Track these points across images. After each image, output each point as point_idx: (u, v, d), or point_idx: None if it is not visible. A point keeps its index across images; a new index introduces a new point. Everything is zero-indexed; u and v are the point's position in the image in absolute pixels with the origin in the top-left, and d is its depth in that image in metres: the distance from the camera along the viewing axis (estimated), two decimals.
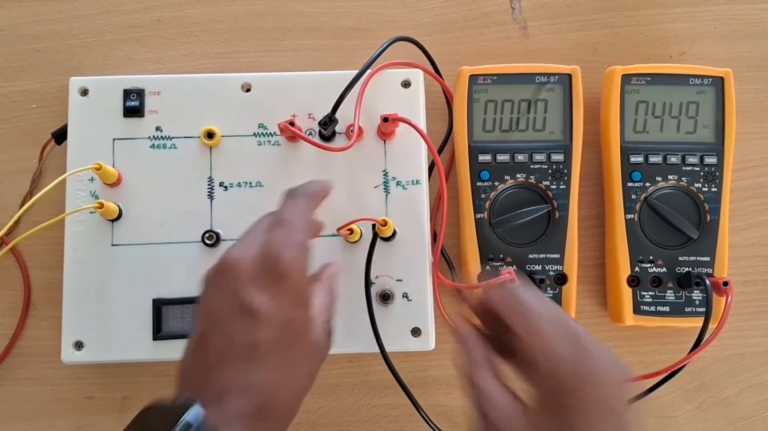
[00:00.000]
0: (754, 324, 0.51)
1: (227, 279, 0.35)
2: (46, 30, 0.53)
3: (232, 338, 0.34)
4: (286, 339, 0.34)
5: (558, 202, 0.48)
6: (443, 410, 0.50)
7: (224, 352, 0.34)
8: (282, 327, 0.34)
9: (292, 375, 0.35)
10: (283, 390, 0.34)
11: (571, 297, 0.48)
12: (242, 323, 0.34)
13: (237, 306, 0.34)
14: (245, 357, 0.33)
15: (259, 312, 0.33)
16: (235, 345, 0.33)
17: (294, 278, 0.35)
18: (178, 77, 0.50)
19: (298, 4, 0.54)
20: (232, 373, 0.33)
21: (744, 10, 0.54)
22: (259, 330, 0.33)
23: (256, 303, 0.33)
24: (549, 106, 0.49)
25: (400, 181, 0.49)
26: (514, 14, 0.54)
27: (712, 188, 0.48)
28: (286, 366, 0.34)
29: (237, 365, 0.33)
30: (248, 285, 0.34)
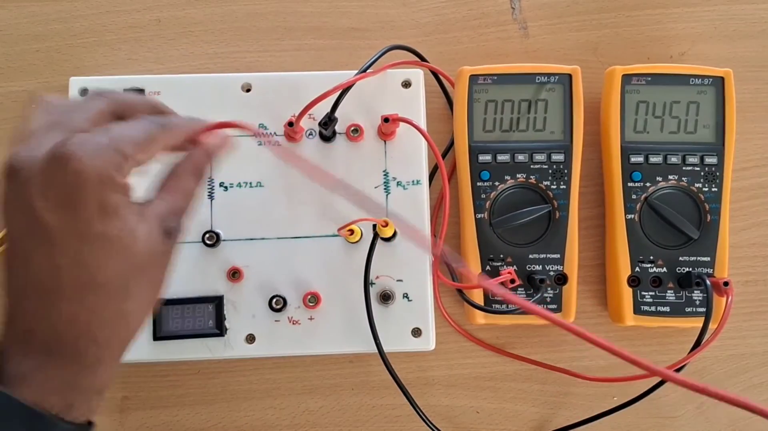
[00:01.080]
0: (754, 324, 0.51)
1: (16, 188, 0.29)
2: (46, 30, 0.53)
3: (30, 264, 0.29)
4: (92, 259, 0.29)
5: (558, 202, 0.48)
6: (443, 410, 0.50)
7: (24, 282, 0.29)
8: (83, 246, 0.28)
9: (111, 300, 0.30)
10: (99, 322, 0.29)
11: (571, 298, 0.48)
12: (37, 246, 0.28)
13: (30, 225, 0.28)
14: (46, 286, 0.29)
15: (53, 231, 0.28)
16: (33, 272, 0.29)
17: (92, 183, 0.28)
18: (178, 77, 0.50)
19: (298, 4, 0.54)
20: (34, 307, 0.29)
21: (744, 10, 0.54)
22: (56, 253, 0.28)
23: (46, 219, 0.28)
24: (549, 106, 0.49)
25: (401, 181, 0.49)
26: (514, 14, 0.54)
27: (713, 188, 0.48)
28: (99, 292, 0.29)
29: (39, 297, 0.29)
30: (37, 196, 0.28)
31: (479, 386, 0.50)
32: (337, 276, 0.48)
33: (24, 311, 0.29)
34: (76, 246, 0.28)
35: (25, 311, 0.29)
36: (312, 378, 0.50)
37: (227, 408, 0.50)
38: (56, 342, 0.29)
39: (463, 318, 0.51)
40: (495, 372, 0.50)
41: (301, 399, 0.50)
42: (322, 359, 0.50)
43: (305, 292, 0.47)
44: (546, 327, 0.50)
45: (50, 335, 0.29)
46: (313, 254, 0.48)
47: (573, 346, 0.51)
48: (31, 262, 0.29)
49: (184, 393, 0.50)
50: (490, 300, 0.48)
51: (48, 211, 0.28)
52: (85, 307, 0.29)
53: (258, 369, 0.50)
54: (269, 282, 0.47)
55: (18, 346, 0.29)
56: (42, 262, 0.29)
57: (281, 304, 0.47)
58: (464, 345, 0.51)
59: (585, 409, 0.50)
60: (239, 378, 0.50)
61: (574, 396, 0.50)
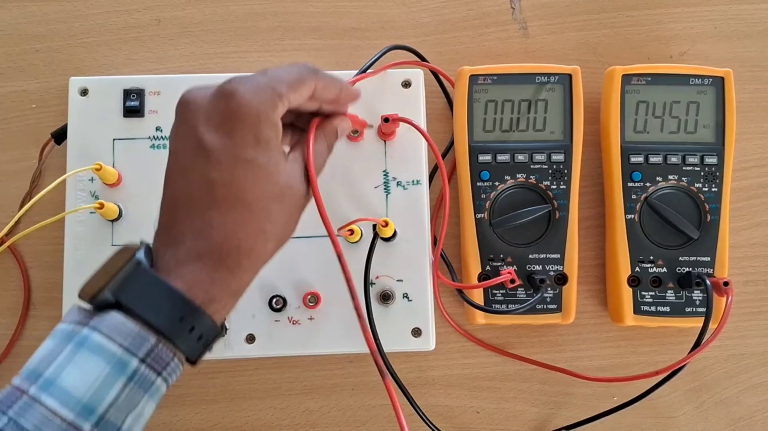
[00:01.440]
0: (754, 324, 0.51)
1: (185, 116, 0.34)
2: (46, 30, 0.53)
3: (188, 178, 0.33)
4: (242, 180, 0.33)
5: (558, 202, 0.48)
6: (443, 410, 0.50)
7: (181, 194, 0.33)
8: (236, 167, 0.33)
9: (253, 217, 0.33)
10: (243, 233, 0.33)
11: (571, 297, 0.48)
12: (197, 163, 0.33)
13: (193, 146, 0.33)
14: (200, 198, 0.33)
15: (211, 151, 0.33)
16: (190, 185, 0.33)
17: (249, 117, 0.33)
18: (178, 77, 0.50)
19: (298, 4, 0.54)
20: (187, 215, 0.33)
21: (744, 10, 0.54)
22: (211, 169, 0.33)
23: (207, 141, 0.33)
24: (549, 106, 0.49)
25: (401, 181, 0.49)
26: (514, 14, 0.54)
27: (713, 188, 0.48)
28: (245, 208, 0.33)
29: (192, 206, 0.33)
30: (204, 122, 0.33)
31: (479, 386, 0.50)
32: (337, 276, 0.47)
33: (177, 218, 0.33)
34: (229, 167, 0.33)
35: (177, 218, 0.33)
36: (312, 378, 0.50)
37: (227, 408, 0.50)
38: (204, 245, 0.32)
39: (463, 318, 0.51)
40: (495, 372, 0.50)
41: (301, 399, 0.50)
42: (322, 359, 0.50)
43: (305, 292, 0.47)
44: (546, 327, 0.50)
45: (199, 238, 0.32)
46: (313, 254, 0.48)
47: (573, 346, 0.51)
48: (189, 176, 0.33)
49: (184, 393, 0.50)
50: (490, 301, 0.48)
51: (209, 134, 0.33)
52: (232, 219, 0.33)
53: (258, 369, 0.50)
54: (269, 282, 0.47)
55: (169, 248, 0.33)
56: (198, 177, 0.33)
57: (281, 304, 0.47)
58: (464, 345, 0.51)
59: (585, 409, 0.50)
60: (239, 378, 0.50)
61: (574, 396, 0.50)
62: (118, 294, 0.30)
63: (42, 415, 0.28)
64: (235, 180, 0.33)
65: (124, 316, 0.30)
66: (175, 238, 0.33)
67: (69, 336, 0.30)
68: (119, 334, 0.30)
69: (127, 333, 0.30)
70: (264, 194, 0.34)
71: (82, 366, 0.29)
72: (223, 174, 0.33)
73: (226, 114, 0.33)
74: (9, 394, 0.29)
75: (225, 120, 0.33)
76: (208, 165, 0.33)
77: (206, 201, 0.33)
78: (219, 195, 0.33)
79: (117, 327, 0.30)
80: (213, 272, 0.32)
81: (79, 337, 0.30)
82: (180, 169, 0.34)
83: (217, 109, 0.33)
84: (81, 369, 0.29)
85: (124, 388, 0.30)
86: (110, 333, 0.30)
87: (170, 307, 0.31)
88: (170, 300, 0.31)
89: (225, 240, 0.33)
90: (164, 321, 0.31)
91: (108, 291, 0.30)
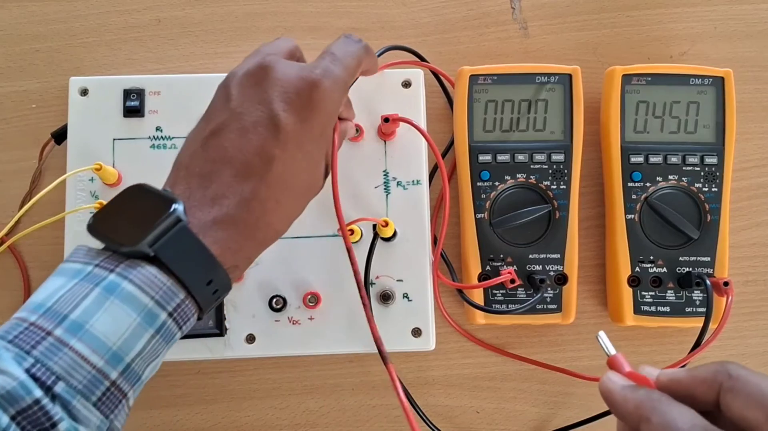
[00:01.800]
0: (754, 324, 0.51)
1: (263, 82, 0.34)
2: (46, 30, 0.53)
3: (248, 142, 0.33)
4: (297, 166, 0.34)
5: (558, 202, 0.48)
6: (443, 410, 0.50)
7: (233, 154, 0.33)
8: (297, 152, 0.34)
9: (290, 201, 0.35)
10: (278, 213, 0.34)
11: (571, 297, 0.48)
12: (264, 132, 0.33)
13: (265, 114, 0.34)
14: (252, 166, 0.33)
15: (282, 129, 0.33)
16: (247, 151, 0.33)
17: (325, 112, 0.35)
18: (178, 77, 0.50)
19: (298, 4, 0.54)
20: (233, 178, 0.33)
21: (744, 10, 0.54)
22: (276, 145, 0.33)
23: (283, 118, 0.33)
24: (549, 106, 0.49)
25: (401, 181, 0.49)
26: (514, 14, 0.54)
27: (713, 188, 0.48)
28: (288, 192, 0.34)
29: (244, 172, 0.33)
30: (282, 98, 0.34)
31: (479, 386, 0.50)
32: (337, 276, 0.48)
33: (222, 176, 0.33)
34: (292, 150, 0.34)
35: (223, 176, 0.33)
36: (312, 378, 0.50)
37: (227, 408, 0.50)
38: (243, 214, 0.33)
39: (463, 318, 0.51)
40: (495, 372, 0.50)
41: (301, 399, 0.50)
42: (322, 359, 0.50)
43: (305, 292, 0.47)
44: (546, 327, 0.50)
45: (240, 206, 0.33)
46: (313, 254, 0.48)
47: (573, 346, 0.51)
48: (249, 141, 0.33)
49: (184, 393, 0.50)
50: (490, 301, 0.48)
51: (286, 113, 0.34)
52: (275, 197, 0.34)
53: (258, 369, 0.50)
54: (269, 282, 0.47)
55: (206, 206, 0.32)
56: (259, 146, 0.33)
57: (281, 304, 0.47)
58: (464, 345, 0.51)
59: (585, 409, 0.50)
60: (239, 378, 0.50)
61: (574, 396, 0.50)
62: (158, 250, 0.30)
63: (72, 360, 0.28)
64: (292, 164, 0.34)
65: (158, 270, 0.30)
66: (214, 196, 0.33)
67: (91, 279, 0.30)
68: (152, 287, 0.30)
69: (159, 287, 0.30)
70: (305, 184, 0.36)
71: (114, 314, 0.29)
72: (285, 154, 0.33)
73: (309, 102, 0.34)
74: (27, 332, 0.29)
75: (305, 106, 0.34)
76: (274, 140, 0.33)
77: (259, 172, 0.33)
78: (274, 172, 0.33)
79: (150, 280, 0.30)
80: (244, 241, 0.33)
81: (106, 283, 0.30)
82: (241, 128, 0.34)
83: (299, 92, 0.34)
84: (113, 318, 0.29)
85: (151, 340, 0.30)
86: (142, 285, 0.30)
87: (203, 270, 0.31)
88: (205, 263, 0.31)
89: (262, 215, 0.33)
90: (195, 281, 0.31)
91: (146, 245, 0.30)
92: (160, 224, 0.30)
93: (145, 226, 0.30)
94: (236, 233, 0.32)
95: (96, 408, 0.29)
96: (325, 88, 0.35)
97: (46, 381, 0.28)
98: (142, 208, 0.32)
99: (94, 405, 0.29)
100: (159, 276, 0.30)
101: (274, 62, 0.35)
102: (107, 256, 0.31)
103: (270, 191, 0.33)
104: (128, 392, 0.30)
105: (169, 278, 0.31)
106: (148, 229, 0.30)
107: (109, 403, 0.29)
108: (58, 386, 0.28)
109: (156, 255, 0.30)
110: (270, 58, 0.35)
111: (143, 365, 0.31)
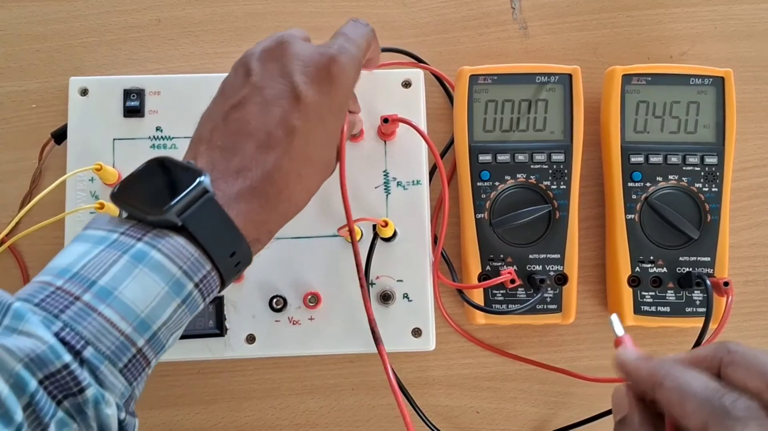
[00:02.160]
0: (754, 324, 0.51)
1: (283, 58, 0.35)
2: (46, 30, 0.53)
3: (270, 114, 0.34)
4: (318, 138, 0.35)
5: (558, 202, 0.48)
6: (443, 410, 0.50)
7: (256, 125, 0.34)
8: (318, 124, 0.35)
9: (310, 173, 0.35)
10: (299, 185, 0.35)
11: (571, 298, 0.48)
12: (285, 104, 0.34)
13: (287, 87, 0.34)
14: (275, 138, 0.33)
15: (303, 100, 0.34)
16: (269, 122, 0.34)
17: (343, 86, 0.36)
18: (178, 77, 0.50)
19: (298, 4, 0.54)
20: (256, 151, 0.33)
21: (744, 10, 0.54)
22: (297, 117, 0.34)
23: (304, 90, 0.34)
24: (549, 106, 0.49)
25: (401, 181, 0.49)
26: (514, 14, 0.54)
27: (713, 188, 0.48)
28: (309, 164, 0.35)
29: (265, 143, 0.33)
30: (302, 72, 0.35)
31: (479, 386, 0.50)
32: (337, 276, 0.48)
33: (245, 148, 0.33)
34: (313, 122, 0.34)
35: (246, 148, 0.33)
36: (312, 378, 0.50)
37: (227, 408, 0.50)
38: (266, 186, 0.33)
39: (463, 318, 0.51)
40: (495, 372, 0.50)
41: (301, 399, 0.50)
42: (322, 359, 0.50)
43: (305, 292, 0.47)
44: (546, 327, 0.50)
45: (263, 178, 0.33)
46: (313, 254, 0.48)
47: (573, 346, 0.51)
48: (271, 113, 0.34)
49: (184, 393, 0.50)
50: (490, 301, 0.48)
51: (306, 85, 0.34)
52: (296, 170, 0.34)
53: (258, 369, 0.50)
54: (269, 282, 0.47)
55: (230, 178, 0.33)
56: (281, 118, 0.34)
57: (281, 304, 0.47)
58: (464, 345, 0.51)
59: (585, 409, 0.50)
60: (239, 378, 0.50)
61: (574, 396, 0.50)
62: (186, 220, 0.30)
63: (101, 325, 0.28)
64: (313, 136, 0.34)
65: (186, 241, 0.31)
66: (238, 168, 0.33)
67: (118, 247, 0.30)
68: (180, 257, 0.30)
69: (187, 257, 0.30)
70: (324, 159, 0.37)
71: (143, 282, 0.29)
72: (307, 126, 0.34)
73: (328, 75, 0.35)
74: (55, 296, 0.29)
75: (324, 79, 0.35)
76: (296, 111, 0.34)
77: (282, 144, 0.33)
78: (296, 144, 0.34)
79: (178, 250, 0.30)
80: (266, 214, 0.33)
81: (134, 251, 0.30)
82: (263, 101, 0.34)
83: (318, 66, 0.35)
84: (141, 286, 0.29)
85: (177, 309, 0.30)
86: (171, 254, 0.30)
87: (228, 242, 0.32)
88: (230, 235, 0.32)
89: (285, 188, 0.34)
90: (220, 253, 0.31)
91: (174, 214, 0.30)
92: (189, 194, 0.30)
93: (173, 196, 0.30)
94: (259, 206, 0.33)
95: (122, 375, 0.29)
96: (343, 62, 0.35)
97: (75, 346, 0.28)
98: (169, 179, 0.32)
99: (120, 371, 0.29)
100: (187, 246, 0.31)
101: (292, 39, 0.36)
102: (132, 224, 0.31)
103: (292, 163, 0.34)
104: (152, 360, 0.31)
105: (197, 249, 0.31)
106: (176, 199, 0.30)
107: (134, 370, 0.30)
108: (87, 351, 0.28)
109: (183, 225, 0.31)
110: (287, 37, 0.36)
111: (168, 334, 0.31)
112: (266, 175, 0.33)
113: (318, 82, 0.35)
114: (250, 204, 0.33)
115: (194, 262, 0.31)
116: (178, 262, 0.30)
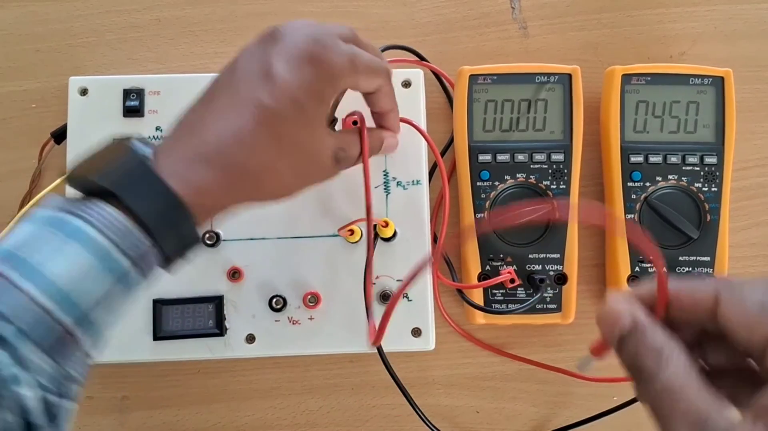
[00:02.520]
0: None
1: (268, 43, 0.35)
2: (46, 30, 0.53)
3: (237, 91, 0.33)
4: (288, 118, 0.33)
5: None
6: (443, 410, 0.50)
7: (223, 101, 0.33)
8: (289, 104, 0.33)
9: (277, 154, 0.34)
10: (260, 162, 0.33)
11: (571, 297, 0.48)
12: (253, 82, 0.33)
13: (261, 65, 0.34)
14: (240, 113, 0.33)
15: (274, 79, 0.33)
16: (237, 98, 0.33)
17: (325, 72, 0.34)
18: (178, 77, 0.50)
19: (298, 4, 0.54)
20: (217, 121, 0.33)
21: (744, 10, 0.54)
22: (266, 94, 0.33)
23: (275, 68, 0.33)
24: (549, 106, 0.49)
25: (401, 181, 0.49)
26: (514, 14, 0.54)
27: (713, 188, 0.48)
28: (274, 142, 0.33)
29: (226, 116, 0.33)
30: (283, 52, 0.34)
31: (479, 386, 0.50)
32: (337, 276, 0.48)
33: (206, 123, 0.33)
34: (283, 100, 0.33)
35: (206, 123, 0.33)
36: (312, 378, 0.50)
37: (227, 408, 0.50)
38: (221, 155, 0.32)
39: (463, 318, 0.51)
40: (495, 372, 0.50)
41: (301, 399, 0.50)
42: (322, 359, 0.50)
43: (305, 292, 0.47)
44: (546, 327, 0.50)
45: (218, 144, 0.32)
46: (313, 254, 0.48)
47: (573, 346, 0.51)
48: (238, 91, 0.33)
49: (184, 393, 0.50)
50: (490, 300, 0.48)
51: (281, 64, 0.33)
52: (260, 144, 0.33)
53: (258, 369, 0.50)
54: (269, 282, 0.47)
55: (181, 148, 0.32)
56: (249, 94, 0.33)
57: (281, 304, 0.47)
58: (464, 345, 0.51)
59: (585, 409, 0.50)
60: (239, 378, 0.50)
61: (574, 396, 0.50)
62: (117, 188, 0.30)
63: (22, 302, 0.27)
64: (281, 114, 0.33)
65: (116, 210, 0.30)
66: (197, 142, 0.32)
67: (55, 223, 0.29)
68: (109, 227, 0.29)
69: (118, 228, 0.29)
70: (304, 146, 0.35)
71: (69, 256, 0.28)
72: (275, 103, 0.33)
73: (310, 56, 0.34)
74: None
75: (304, 60, 0.34)
76: (264, 89, 0.33)
77: (245, 117, 0.33)
78: (260, 118, 0.33)
79: (108, 220, 0.29)
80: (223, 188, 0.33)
81: (69, 226, 0.29)
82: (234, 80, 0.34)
83: (302, 48, 0.34)
84: (67, 259, 0.28)
85: (111, 285, 0.29)
86: (99, 225, 0.29)
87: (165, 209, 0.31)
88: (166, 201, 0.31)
89: (246, 161, 0.33)
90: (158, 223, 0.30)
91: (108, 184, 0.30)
92: (119, 161, 0.30)
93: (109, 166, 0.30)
94: (213, 177, 0.32)
95: (47, 355, 0.28)
96: (331, 49, 0.34)
97: None
98: (114, 153, 0.32)
99: (46, 351, 0.27)
100: (118, 216, 0.29)
101: (286, 24, 0.36)
102: (75, 201, 0.30)
103: (255, 137, 0.33)
104: (83, 339, 0.29)
105: (128, 219, 0.30)
106: (111, 168, 0.30)
107: (62, 350, 0.28)
108: (6, 329, 0.27)
109: (115, 193, 0.29)
110: (284, 25, 0.36)
111: (103, 313, 0.29)
112: (224, 146, 0.32)
113: (297, 61, 0.34)
114: (201, 174, 0.32)
115: (126, 233, 0.29)
116: (108, 233, 0.29)
